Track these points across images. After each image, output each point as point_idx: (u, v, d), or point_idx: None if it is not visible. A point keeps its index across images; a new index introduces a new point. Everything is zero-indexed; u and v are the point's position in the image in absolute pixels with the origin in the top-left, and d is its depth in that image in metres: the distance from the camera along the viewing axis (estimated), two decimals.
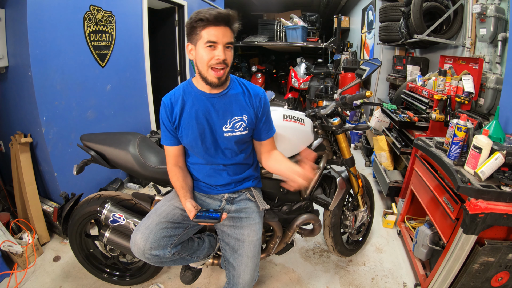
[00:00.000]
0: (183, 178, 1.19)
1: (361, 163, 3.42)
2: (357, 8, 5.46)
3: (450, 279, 1.35)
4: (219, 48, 1.02)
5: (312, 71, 4.76)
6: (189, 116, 1.12)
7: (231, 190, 1.24)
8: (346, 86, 1.56)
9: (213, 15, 0.98)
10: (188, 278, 1.41)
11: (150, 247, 1.06)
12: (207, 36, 1.00)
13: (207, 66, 1.04)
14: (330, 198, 1.55)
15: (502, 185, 1.20)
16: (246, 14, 7.15)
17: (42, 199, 2.03)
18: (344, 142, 1.53)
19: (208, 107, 1.12)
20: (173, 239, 1.11)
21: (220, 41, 1.01)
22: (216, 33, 1.00)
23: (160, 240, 1.07)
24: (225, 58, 1.03)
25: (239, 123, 1.14)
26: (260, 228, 1.24)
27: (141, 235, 1.07)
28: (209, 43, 1.00)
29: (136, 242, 1.07)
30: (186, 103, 1.13)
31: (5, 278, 1.63)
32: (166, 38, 3.78)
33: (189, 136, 1.13)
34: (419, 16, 2.40)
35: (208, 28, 1.00)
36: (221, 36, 1.01)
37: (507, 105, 1.63)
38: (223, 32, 1.01)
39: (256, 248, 1.20)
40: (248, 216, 1.22)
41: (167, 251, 1.09)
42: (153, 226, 1.09)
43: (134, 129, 2.86)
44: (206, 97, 1.13)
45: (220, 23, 1.00)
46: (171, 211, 1.15)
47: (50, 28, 1.85)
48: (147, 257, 1.07)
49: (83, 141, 1.43)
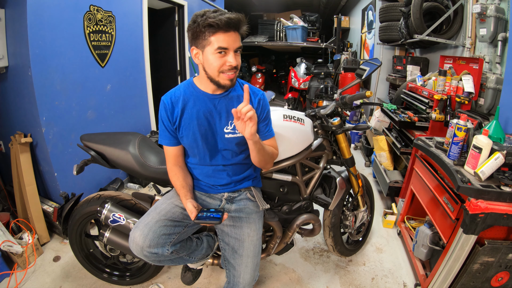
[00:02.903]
0: (183, 178, 1.19)
1: (361, 163, 3.42)
2: (357, 8, 5.46)
3: (450, 279, 1.35)
4: (230, 55, 1.01)
5: (312, 71, 4.76)
6: (190, 117, 1.11)
7: (231, 189, 1.24)
8: (346, 86, 1.56)
9: (224, 22, 0.95)
10: (188, 279, 1.41)
11: (149, 244, 1.05)
12: (217, 42, 0.98)
13: (217, 71, 1.03)
14: (330, 198, 1.55)
15: (502, 185, 1.20)
16: (246, 14, 7.08)
17: (42, 199, 2.03)
18: (344, 142, 1.53)
19: (210, 108, 1.12)
20: (172, 237, 1.11)
21: (231, 47, 0.99)
22: (227, 39, 0.98)
23: (159, 237, 1.07)
24: (236, 64, 1.02)
25: None
26: (260, 227, 1.24)
27: (140, 232, 1.06)
28: (220, 49, 0.99)
29: (134, 239, 1.06)
30: (187, 104, 1.12)
31: (5, 278, 1.63)
32: (166, 38, 3.78)
33: (189, 137, 1.13)
34: (419, 16, 2.40)
35: (218, 34, 0.97)
36: (231, 42, 0.99)
37: (507, 105, 1.63)
38: (234, 38, 1.00)
39: (256, 247, 1.20)
40: (248, 215, 1.22)
41: (166, 249, 1.09)
42: (153, 223, 1.08)
43: (134, 129, 2.86)
44: (208, 98, 1.12)
45: (231, 29, 0.98)
46: (171, 209, 1.15)
47: (50, 28, 1.85)
48: (146, 254, 1.07)
49: (83, 141, 1.43)
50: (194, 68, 3.94)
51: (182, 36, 3.73)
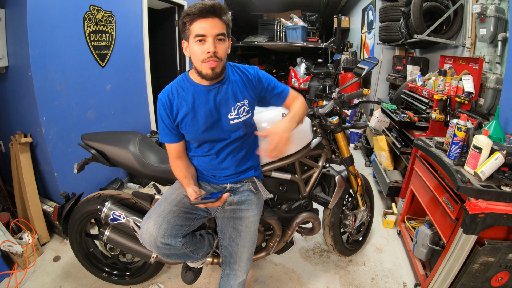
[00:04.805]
0: (185, 168, 1.19)
1: (361, 163, 3.42)
2: (357, 8, 5.45)
3: (450, 279, 1.35)
4: (208, 41, 0.99)
5: (312, 71, 4.76)
6: (192, 111, 1.11)
7: (234, 180, 1.24)
8: (344, 84, 1.57)
9: (198, 7, 0.96)
10: (189, 279, 1.42)
11: (163, 234, 1.04)
12: (195, 30, 0.99)
13: (200, 61, 1.03)
14: (329, 196, 1.56)
15: (502, 185, 1.20)
16: (246, 14, 7.14)
17: (42, 199, 2.03)
18: (343, 141, 1.53)
19: (210, 99, 1.11)
20: (184, 228, 1.11)
21: (208, 33, 0.99)
22: (204, 25, 0.98)
23: (173, 228, 1.06)
24: (215, 51, 1.00)
25: (242, 108, 1.14)
26: (257, 220, 1.27)
27: (153, 222, 1.05)
28: (198, 36, 0.99)
29: (148, 229, 1.05)
30: (186, 98, 1.11)
31: (5, 278, 1.64)
32: (166, 38, 3.78)
33: (193, 131, 1.13)
34: (419, 16, 2.40)
35: (196, 22, 0.98)
36: (209, 28, 0.98)
37: (507, 105, 1.63)
38: (212, 24, 0.99)
39: (252, 237, 1.24)
40: (248, 208, 1.24)
41: (178, 240, 1.09)
42: (166, 213, 1.08)
43: (134, 129, 2.86)
44: (207, 89, 1.11)
45: (207, 15, 0.98)
46: (181, 199, 1.15)
47: (50, 28, 1.86)
48: (158, 245, 1.06)
49: (84, 140, 1.44)
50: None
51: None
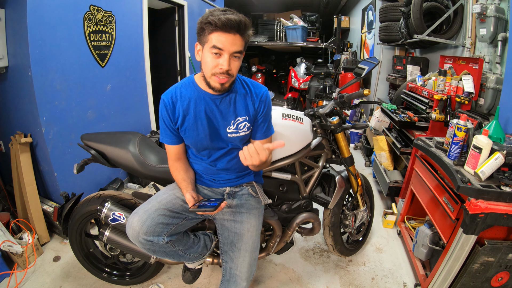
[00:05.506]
0: (184, 171, 1.19)
1: (361, 163, 3.41)
2: (357, 8, 5.46)
3: (450, 279, 1.35)
4: (224, 57, 0.97)
5: (312, 71, 4.76)
6: (193, 116, 1.11)
7: (234, 183, 1.24)
8: (345, 84, 1.57)
9: (222, 21, 0.92)
10: (189, 278, 1.42)
11: (146, 231, 1.05)
12: (213, 41, 0.95)
13: (210, 73, 1.01)
14: (329, 196, 1.56)
15: (502, 185, 1.20)
16: (246, 14, 7.13)
17: (42, 199, 2.03)
18: (343, 141, 1.53)
19: (212, 108, 1.11)
20: (169, 228, 1.10)
21: (226, 49, 0.96)
22: (224, 40, 0.95)
23: (156, 226, 1.06)
24: (229, 69, 0.99)
25: (243, 123, 1.14)
26: (259, 223, 1.24)
27: (138, 218, 1.06)
28: (215, 49, 0.96)
29: (132, 224, 1.06)
30: (189, 103, 1.11)
31: (5, 278, 1.63)
32: (166, 38, 3.78)
33: (193, 136, 1.13)
34: (419, 16, 2.40)
35: (216, 33, 0.95)
36: (228, 44, 0.95)
37: (507, 105, 1.63)
38: (232, 40, 0.96)
39: (254, 243, 1.20)
40: (249, 211, 1.23)
41: (161, 238, 1.08)
42: (152, 211, 1.08)
43: (134, 129, 2.86)
44: (210, 98, 1.11)
45: (230, 30, 0.94)
46: (172, 200, 1.15)
47: (50, 28, 1.85)
48: (141, 241, 1.06)
49: (84, 140, 1.44)
50: (194, 68, 3.94)
51: (182, 36, 3.73)
